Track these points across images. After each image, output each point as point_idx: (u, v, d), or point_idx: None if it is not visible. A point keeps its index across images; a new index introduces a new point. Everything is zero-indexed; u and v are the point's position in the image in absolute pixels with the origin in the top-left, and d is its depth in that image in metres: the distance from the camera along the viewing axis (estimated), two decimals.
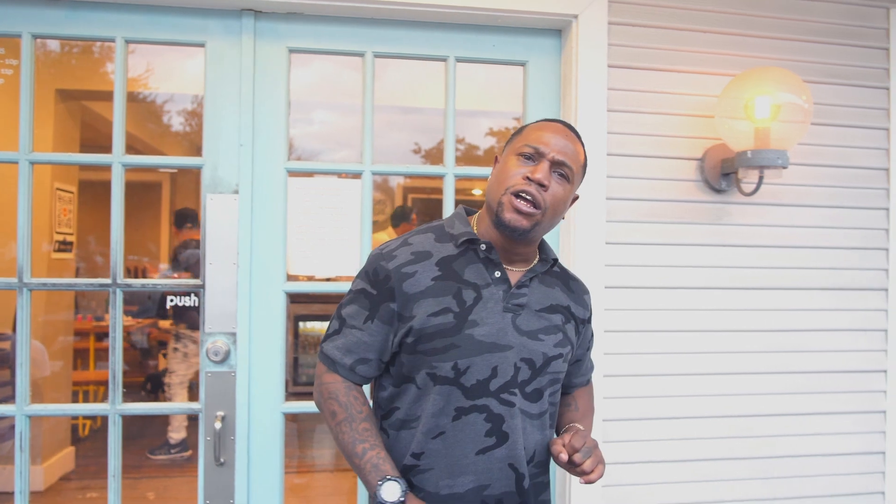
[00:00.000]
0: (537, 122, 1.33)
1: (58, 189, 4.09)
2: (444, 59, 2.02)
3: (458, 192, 2.01)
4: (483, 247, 1.30)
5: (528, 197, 1.23)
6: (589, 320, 1.45)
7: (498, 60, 2.06)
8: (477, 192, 7.64)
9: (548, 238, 2.02)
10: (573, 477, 1.93)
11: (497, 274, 1.30)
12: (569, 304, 1.38)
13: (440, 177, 2.00)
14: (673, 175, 2.02)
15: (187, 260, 4.33)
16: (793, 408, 2.07)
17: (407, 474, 1.28)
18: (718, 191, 2.03)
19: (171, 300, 2.36)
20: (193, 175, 7.24)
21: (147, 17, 1.88)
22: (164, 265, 4.52)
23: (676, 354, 2.01)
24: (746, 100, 1.88)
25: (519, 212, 1.23)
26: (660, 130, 2.02)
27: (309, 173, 2.05)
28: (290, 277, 1.95)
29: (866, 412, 2.11)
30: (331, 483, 4.01)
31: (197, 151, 1.86)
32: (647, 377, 2.00)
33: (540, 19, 1.99)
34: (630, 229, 2.00)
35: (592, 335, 1.51)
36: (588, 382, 1.55)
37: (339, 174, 2.15)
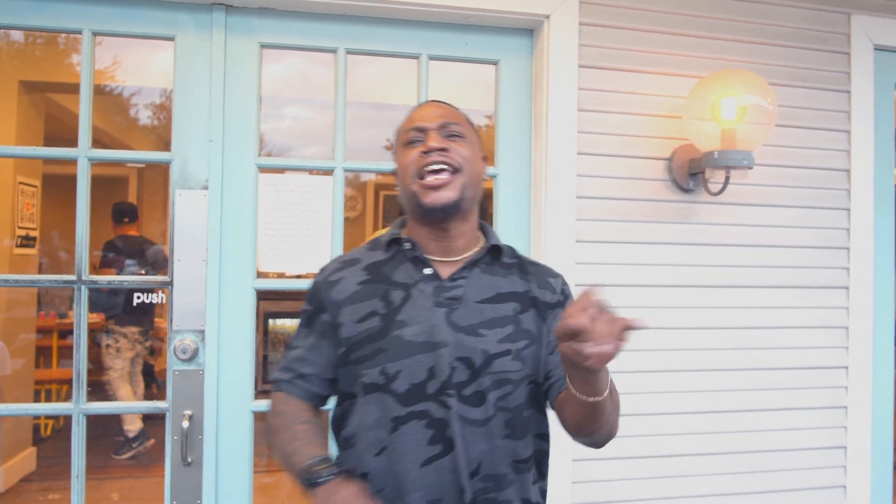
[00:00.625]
0: (410, 111, 1.31)
1: (21, 183, 3.99)
2: (416, 57, 2.02)
3: None
4: (407, 245, 1.23)
5: (436, 167, 1.16)
6: (560, 304, 1.28)
7: (470, 59, 2.07)
8: None
9: (518, 236, 2.04)
10: None
11: (427, 270, 1.22)
12: (527, 289, 1.25)
13: None
14: (642, 174, 2.05)
15: (115, 257, 4.32)
16: (759, 403, 2.12)
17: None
18: (686, 190, 2.07)
19: (139, 297, 2.33)
20: (161, 169, 7.12)
21: (115, 9, 1.84)
22: (129, 261, 4.48)
23: (645, 351, 2.04)
24: (713, 101, 1.91)
25: (435, 188, 1.16)
26: (629, 130, 2.05)
27: (280, 169, 2.04)
28: (261, 274, 1.94)
29: (829, 407, 2.16)
30: None
31: (165, 145, 1.84)
32: (617, 374, 2.02)
33: (512, 19, 2.00)
34: (600, 228, 2.02)
35: None
36: None
37: (311, 171, 2.13)
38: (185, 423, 1.82)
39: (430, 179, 1.16)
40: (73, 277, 1.81)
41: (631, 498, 2.03)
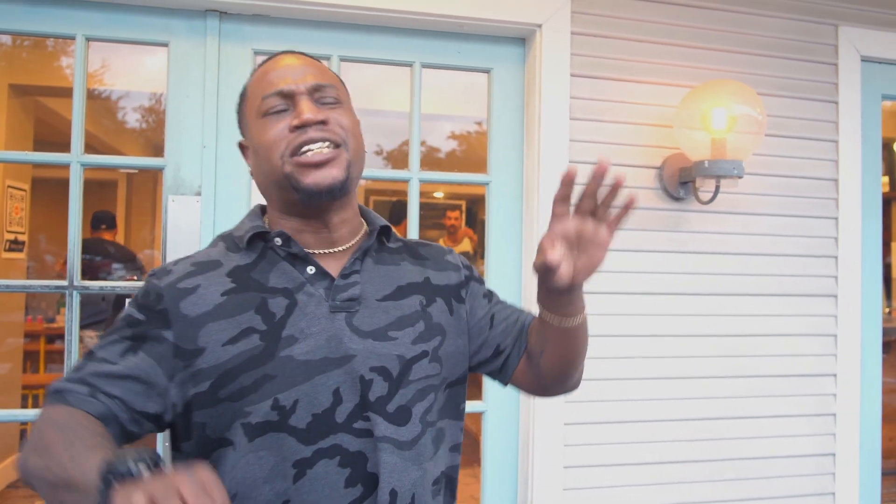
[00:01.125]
0: (258, 68, 1.03)
1: (9, 187, 3.97)
2: (409, 65, 2.03)
3: (422, 195, 2.02)
4: (278, 240, 0.98)
5: (314, 146, 0.93)
6: (469, 279, 1.11)
7: (463, 67, 2.08)
8: (439, 194, 7.66)
9: (510, 243, 2.05)
10: (535, 475, 1.96)
11: (310, 270, 0.97)
12: (425, 276, 1.06)
13: (403, 181, 2.01)
14: (633, 183, 2.07)
15: (91, 261, 4.41)
16: (749, 411, 2.13)
17: None
18: (677, 199, 2.09)
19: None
20: (151, 174, 7.10)
21: (109, 14, 1.84)
22: (116, 265, 4.53)
23: (635, 359, 2.05)
24: (704, 111, 1.93)
25: (318, 165, 0.93)
26: (621, 139, 2.06)
27: None
28: None
29: (818, 415, 2.18)
30: None
31: (154, 149, 1.84)
32: (607, 381, 2.04)
33: (504, 28, 2.01)
34: None
35: (489, 291, 1.15)
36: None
37: None
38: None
39: (307, 157, 0.93)
40: (64, 283, 1.80)
41: None
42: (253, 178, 1.04)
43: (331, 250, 1.01)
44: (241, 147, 1.07)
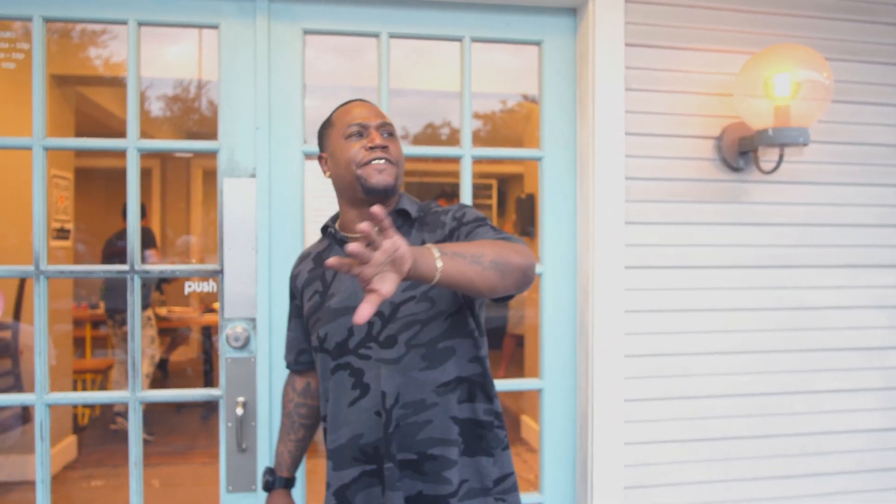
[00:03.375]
0: (341, 107, 1.48)
1: (55, 176, 4.03)
2: (459, 39, 1.99)
3: (432, 174, 2.00)
4: (331, 231, 1.49)
5: (381, 160, 1.37)
6: (455, 229, 1.36)
7: (513, 40, 2.04)
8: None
9: (564, 219, 2.02)
10: (594, 453, 1.94)
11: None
12: (421, 239, 1.40)
13: (436, 160, 1.99)
14: (690, 154, 2.02)
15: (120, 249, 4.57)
16: (812, 385, 2.09)
17: (327, 439, 1.42)
18: (736, 169, 2.03)
19: (189, 286, 2.35)
20: (184, 161, 7.17)
21: None
22: (148, 252, 4.67)
23: (696, 333, 2.02)
24: (766, 77, 1.87)
25: (381, 172, 1.37)
26: (677, 109, 2.01)
27: None
28: None
29: (883, 389, 2.13)
30: None
31: (187, 136, 1.83)
32: (667, 356, 2.01)
33: None
34: (649, 209, 1.99)
35: (476, 222, 1.36)
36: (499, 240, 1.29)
37: None
38: (240, 411, 1.83)
39: (375, 165, 1.37)
40: (126, 267, 1.82)
41: (682, 481, 2.02)
42: (332, 180, 1.46)
43: None
44: (321, 159, 1.49)
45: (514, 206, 5.40)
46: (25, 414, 3.73)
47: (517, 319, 4.65)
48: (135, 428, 1.85)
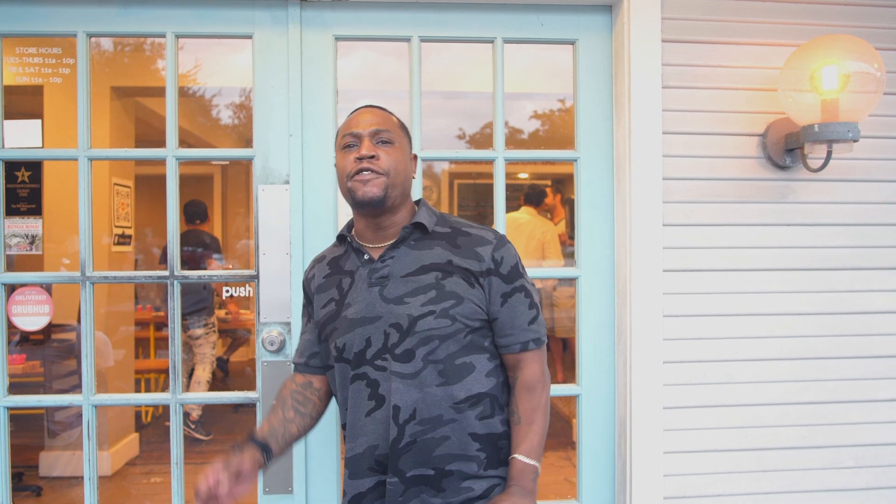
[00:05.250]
0: (348, 116, 1.46)
1: (116, 184, 4.20)
2: (491, 41, 1.98)
3: (506, 176, 1.98)
4: (348, 238, 1.45)
5: (366, 171, 1.34)
6: (495, 272, 1.38)
7: (546, 40, 2.01)
8: (523, 175, 7.55)
9: (601, 220, 1.98)
10: (633, 461, 1.89)
11: (365, 257, 1.41)
12: (449, 258, 1.38)
13: (487, 161, 1.97)
14: (733, 152, 1.94)
15: (193, 252, 4.75)
16: (865, 394, 1.98)
17: (345, 448, 1.42)
18: (782, 167, 1.94)
19: (227, 291, 2.40)
20: (243, 167, 7.36)
21: (195, 11, 1.89)
22: (216, 255, 4.77)
23: (740, 339, 1.94)
24: (812, 70, 1.78)
25: (365, 183, 1.34)
26: (718, 106, 1.94)
27: None
28: None
29: None
30: None
31: (248, 144, 1.87)
32: (709, 363, 1.94)
33: None
34: (688, 210, 1.93)
35: (521, 300, 1.40)
36: (522, 350, 1.40)
37: None
38: None
39: (359, 177, 1.35)
40: (165, 273, 1.87)
41: (725, 492, 1.95)
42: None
43: (381, 245, 1.42)
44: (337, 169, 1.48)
45: (565, 206, 5.33)
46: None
47: (562, 323, 4.58)
48: (176, 428, 1.90)
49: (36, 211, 3.28)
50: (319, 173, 1.92)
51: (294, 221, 1.89)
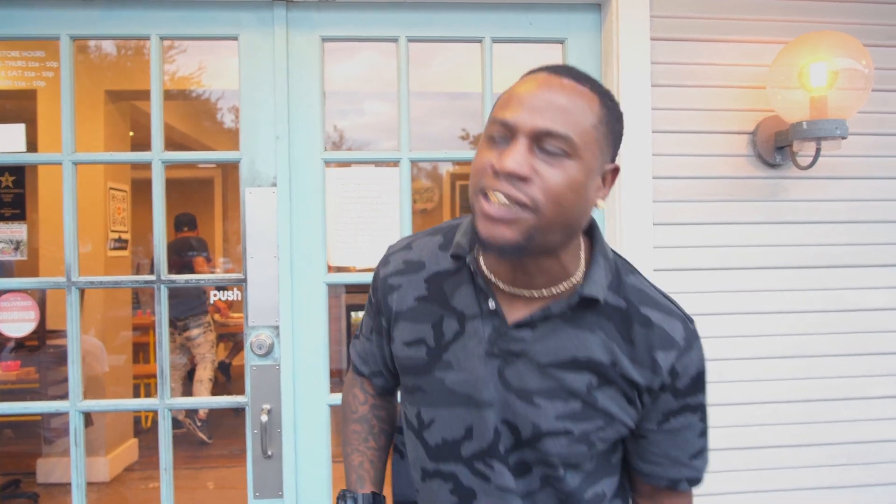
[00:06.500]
0: (517, 82, 0.90)
1: (111, 188, 4.20)
2: (479, 41, 1.96)
3: None
4: (468, 261, 0.97)
5: (500, 196, 0.83)
6: (669, 387, 0.95)
7: (535, 39, 2.00)
8: None
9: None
10: None
11: (491, 304, 0.96)
12: (615, 360, 0.94)
13: None
14: (723, 150, 1.93)
15: (182, 258, 4.99)
16: (862, 391, 1.96)
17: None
18: (772, 165, 1.93)
19: (215, 294, 2.39)
20: None
21: (181, 12, 1.88)
22: (203, 254, 5.00)
23: (732, 338, 1.92)
24: (800, 67, 1.77)
25: (493, 220, 0.83)
26: (708, 104, 1.93)
27: (346, 163, 2.04)
28: (334, 269, 1.94)
29: None
30: None
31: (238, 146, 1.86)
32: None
33: None
34: (679, 209, 1.91)
35: (692, 424, 1.00)
36: (669, 489, 1.04)
37: (377, 163, 2.12)
38: (264, 417, 1.85)
39: (487, 207, 0.84)
40: (152, 277, 1.86)
41: (719, 491, 1.93)
42: None
43: (521, 293, 0.95)
44: None
45: None
46: (87, 417, 3.90)
47: None
48: (164, 434, 1.89)
49: (20, 216, 3.29)
50: (307, 176, 1.91)
51: (281, 224, 1.88)
